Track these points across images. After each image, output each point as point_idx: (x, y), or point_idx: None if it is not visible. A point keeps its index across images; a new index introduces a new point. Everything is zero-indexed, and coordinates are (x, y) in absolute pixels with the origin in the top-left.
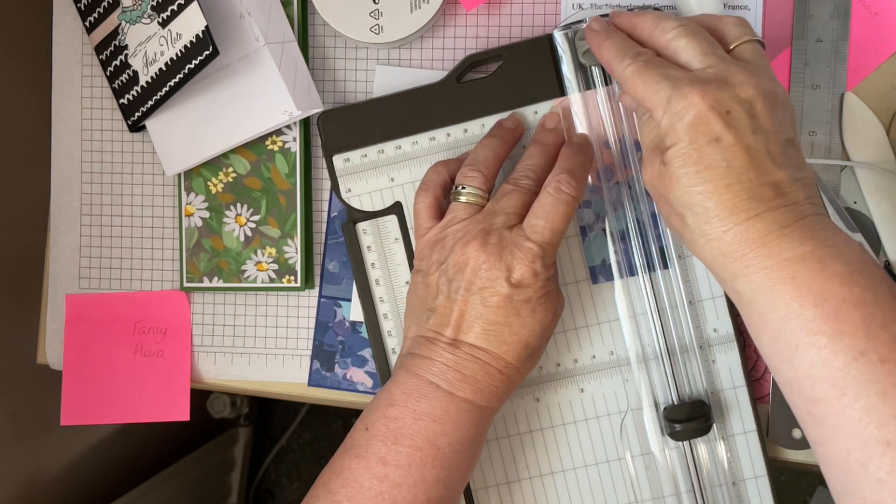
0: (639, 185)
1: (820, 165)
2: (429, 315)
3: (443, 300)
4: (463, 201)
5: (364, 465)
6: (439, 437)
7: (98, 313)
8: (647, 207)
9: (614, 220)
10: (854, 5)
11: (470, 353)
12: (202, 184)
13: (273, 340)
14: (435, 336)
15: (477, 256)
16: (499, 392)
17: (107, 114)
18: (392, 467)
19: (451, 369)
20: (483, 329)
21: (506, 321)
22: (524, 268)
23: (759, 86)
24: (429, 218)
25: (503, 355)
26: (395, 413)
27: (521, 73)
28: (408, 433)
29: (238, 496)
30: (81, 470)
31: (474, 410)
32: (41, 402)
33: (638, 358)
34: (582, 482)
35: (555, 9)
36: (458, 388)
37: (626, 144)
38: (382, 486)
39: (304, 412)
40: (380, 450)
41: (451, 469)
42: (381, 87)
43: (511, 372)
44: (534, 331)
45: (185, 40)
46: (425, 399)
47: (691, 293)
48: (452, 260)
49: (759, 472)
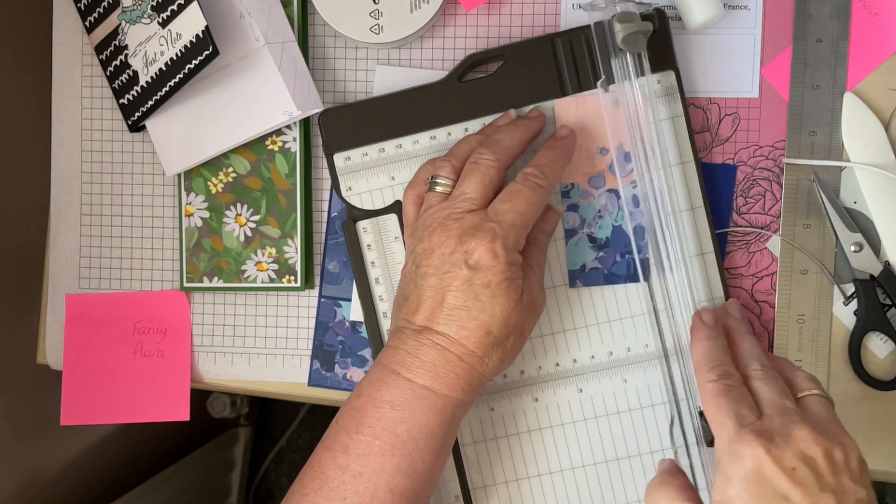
0: (626, 193)
1: (820, 165)
2: (402, 304)
3: (412, 287)
4: (437, 191)
5: (330, 456)
6: (398, 425)
7: (98, 313)
8: (635, 217)
9: (598, 227)
10: (854, 5)
11: (431, 340)
12: (202, 184)
13: (273, 340)
14: (405, 324)
15: (440, 242)
16: (459, 380)
17: (107, 114)
18: (353, 456)
19: (411, 356)
20: (445, 315)
21: (464, 305)
22: (482, 248)
23: (822, 443)
24: (413, 213)
25: (462, 341)
26: (359, 403)
27: (522, 73)
28: (368, 422)
29: (238, 496)
30: (81, 470)
31: (433, 398)
32: (41, 402)
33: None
34: (580, 482)
35: (555, 9)
36: (416, 374)
37: (621, 153)
38: (344, 475)
39: (304, 412)
40: (343, 440)
41: (412, 458)
42: (381, 87)
43: (472, 360)
44: (494, 316)
45: (185, 40)
46: (386, 387)
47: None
48: (420, 248)
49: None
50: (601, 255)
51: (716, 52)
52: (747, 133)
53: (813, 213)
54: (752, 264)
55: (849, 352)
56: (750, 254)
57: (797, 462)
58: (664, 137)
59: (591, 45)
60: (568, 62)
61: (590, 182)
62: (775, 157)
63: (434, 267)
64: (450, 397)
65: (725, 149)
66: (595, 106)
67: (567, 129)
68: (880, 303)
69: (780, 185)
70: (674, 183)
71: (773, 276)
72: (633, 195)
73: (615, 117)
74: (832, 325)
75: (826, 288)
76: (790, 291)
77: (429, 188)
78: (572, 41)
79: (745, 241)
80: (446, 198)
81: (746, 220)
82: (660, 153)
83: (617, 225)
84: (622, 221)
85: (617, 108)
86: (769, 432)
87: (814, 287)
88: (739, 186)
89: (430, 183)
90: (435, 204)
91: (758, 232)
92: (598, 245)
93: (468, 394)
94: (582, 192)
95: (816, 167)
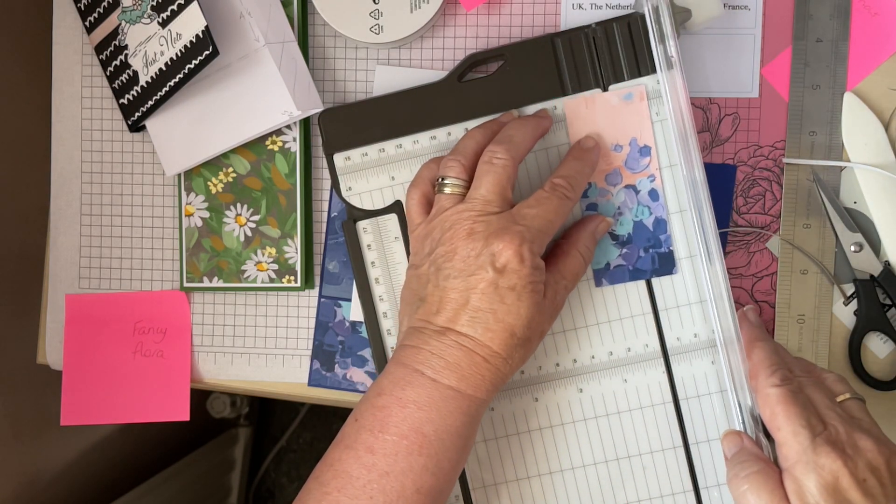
0: (643, 188)
1: (820, 165)
2: (419, 305)
3: (431, 289)
4: (447, 192)
5: (353, 455)
6: (425, 425)
7: (98, 313)
8: (654, 210)
9: (619, 224)
10: (854, 5)
11: (455, 341)
12: (202, 184)
13: (273, 340)
14: (424, 325)
15: (465, 244)
16: (485, 381)
17: (107, 114)
18: (379, 456)
19: (437, 356)
20: (469, 316)
21: (490, 308)
22: (510, 251)
23: (884, 453)
24: (419, 213)
25: (488, 343)
26: (382, 402)
27: (523, 73)
28: (394, 421)
29: (238, 496)
30: (81, 470)
31: (460, 398)
32: (41, 402)
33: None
34: (580, 482)
35: (555, 9)
36: (442, 375)
37: (636, 148)
38: (370, 474)
39: (304, 412)
40: (367, 439)
41: (438, 457)
42: (381, 87)
43: (497, 361)
44: (520, 318)
45: (185, 40)
46: (411, 387)
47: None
48: (441, 249)
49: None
50: (625, 252)
51: (716, 52)
52: (747, 133)
53: (813, 213)
54: (752, 264)
55: (849, 352)
56: (750, 254)
57: (867, 473)
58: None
59: (592, 45)
60: (568, 62)
61: (606, 180)
62: (775, 157)
63: (457, 269)
64: (475, 398)
65: (725, 149)
66: (604, 104)
67: (592, 141)
68: (880, 303)
69: (780, 185)
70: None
71: (773, 276)
72: (650, 189)
73: (628, 113)
74: (832, 325)
75: (826, 288)
76: (790, 291)
77: (438, 189)
78: (572, 41)
79: (745, 241)
80: (461, 199)
81: (746, 220)
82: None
83: (637, 220)
84: (643, 216)
85: (629, 104)
86: (840, 443)
87: (814, 287)
88: (739, 186)
89: (440, 184)
90: (450, 206)
91: (758, 232)
92: (621, 242)
93: (491, 393)
94: (600, 190)
95: (816, 167)
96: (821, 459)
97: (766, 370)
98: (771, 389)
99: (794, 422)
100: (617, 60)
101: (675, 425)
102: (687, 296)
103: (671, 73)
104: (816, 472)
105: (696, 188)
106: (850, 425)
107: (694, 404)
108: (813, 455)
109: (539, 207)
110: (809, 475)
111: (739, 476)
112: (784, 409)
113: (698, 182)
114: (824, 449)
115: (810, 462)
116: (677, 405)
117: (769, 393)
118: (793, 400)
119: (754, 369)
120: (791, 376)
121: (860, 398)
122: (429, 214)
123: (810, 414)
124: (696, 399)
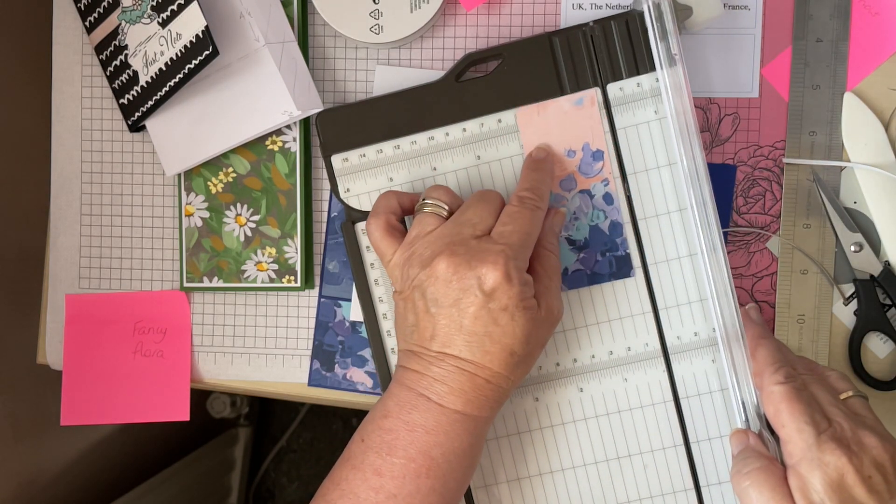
0: (597, 193)
1: (820, 165)
2: (412, 331)
3: (422, 315)
4: (427, 211)
5: (360, 476)
6: (433, 448)
7: (98, 313)
8: (609, 214)
9: (576, 229)
10: (854, 5)
11: (456, 366)
12: (202, 184)
13: (273, 340)
14: (421, 350)
15: (446, 269)
16: (489, 401)
17: (107, 114)
18: (387, 478)
19: (440, 382)
20: (465, 341)
21: (485, 331)
22: (496, 273)
23: (889, 450)
24: (389, 245)
25: (488, 365)
26: (389, 425)
27: (521, 72)
28: (401, 444)
29: (238, 496)
30: (81, 470)
31: (466, 421)
32: (41, 402)
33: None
34: (581, 481)
35: (555, 9)
36: (448, 400)
37: (588, 153)
38: (378, 496)
39: (304, 412)
40: (374, 461)
41: (446, 479)
42: (381, 87)
43: (500, 381)
44: (516, 338)
45: (185, 40)
46: (417, 411)
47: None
48: (424, 274)
49: None
50: (582, 257)
51: (716, 52)
52: (747, 133)
53: (813, 213)
54: (752, 264)
55: (849, 352)
56: (750, 254)
57: (872, 470)
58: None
59: (590, 43)
60: (566, 61)
61: (561, 185)
62: (775, 157)
63: (443, 294)
64: (480, 417)
65: (725, 149)
66: (556, 110)
67: (543, 151)
68: (880, 303)
69: (780, 185)
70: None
71: (773, 276)
72: (605, 193)
73: (579, 118)
74: (832, 325)
75: (826, 288)
76: (790, 291)
77: (418, 209)
78: (570, 40)
79: (745, 241)
80: (443, 220)
81: (746, 220)
82: (695, 135)
83: (593, 224)
84: (598, 220)
85: (581, 109)
86: (846, 440)
87: (814, 287)
88: (739, 186)
89: (421, 204)
90: (432, 228)
91: (758, 232)
92: (578, 247)
93: (496, 410)
94: (556, 196)
95: (816, 167)
96: (826, 456)
97: (770, 368)
98: (775, 387)
99: (799, 419)
100: (615, 59)
101: (676, 424)
102: (687, 294)
103: (674, 69)
104: (821, 469)
105: (699, 184)
106: (854, 422)
107: (694, 403)
108: (818, 452)
109: (514, 223)
110: (814, 472)
111: (742, 472)
112: (788, 406)
113: (702, 178)
114: (829, 446)
115: (815, 459)
116: (678, 404)
117: (773, 390)
118: (797, 397)
119: (758, 367)
120: (795, 374)
121: (863, 396)
122: (398, 241)
123: (815, 411)
124: (696, 397)
